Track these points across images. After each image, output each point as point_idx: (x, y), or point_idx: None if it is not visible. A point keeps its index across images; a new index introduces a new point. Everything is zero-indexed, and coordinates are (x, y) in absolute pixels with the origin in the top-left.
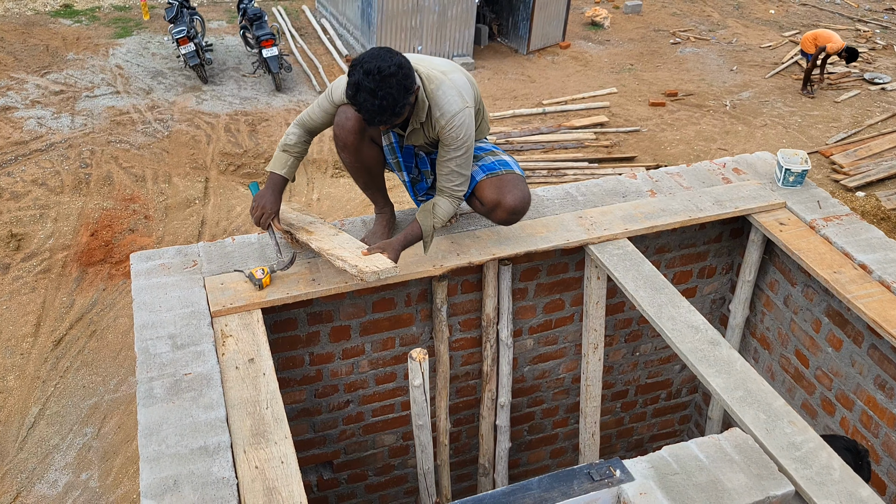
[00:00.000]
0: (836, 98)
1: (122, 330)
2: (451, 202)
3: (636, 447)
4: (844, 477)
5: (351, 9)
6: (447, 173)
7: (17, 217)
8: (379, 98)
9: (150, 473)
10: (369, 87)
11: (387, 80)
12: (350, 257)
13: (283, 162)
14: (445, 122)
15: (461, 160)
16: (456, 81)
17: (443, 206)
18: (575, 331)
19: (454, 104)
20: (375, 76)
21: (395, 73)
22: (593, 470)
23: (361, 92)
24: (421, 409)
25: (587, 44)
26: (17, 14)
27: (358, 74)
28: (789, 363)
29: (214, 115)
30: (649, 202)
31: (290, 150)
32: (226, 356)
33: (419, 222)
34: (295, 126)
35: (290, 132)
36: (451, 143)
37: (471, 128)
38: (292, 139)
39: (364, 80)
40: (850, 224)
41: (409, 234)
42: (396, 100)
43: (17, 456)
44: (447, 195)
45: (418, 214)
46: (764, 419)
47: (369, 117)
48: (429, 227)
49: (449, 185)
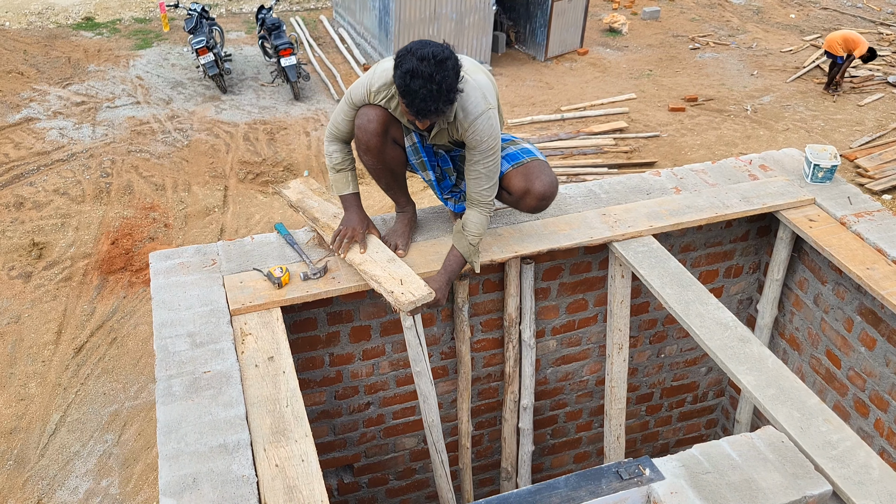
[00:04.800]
0: (859, 101)
1: (142, 337)
2: (482, 211)
3: (661, 451)
4: (884, 476)
5: (368, 18)
6: (475, 178)
7: (39, 226)
8: (437, 83)
9: (170, 471)
10: (427, 73)
11: (442, 64)
12: (386, 280)
13: (344, 181)
14: (469, 125)
15: (488, 163)
16: (480, 82)
17: (473, 219)
18: (599, 331)
19: (478, 106)
20: (431, 61)
21: (449, 57)
22: (622, 468)
23: (417, 78)
24: (417, 355)
25: (605, 50)
26: (39, 27)
27: (411, 62)
28: (820, 364)
29: (233, 124)
30: (674, 199)
31: (343, 167)
32: (245, 354)
33: (456, 247)
34: (329, 143)
35: (331, 151)
36: (476, 145)
37: (496, 129)
38: (337, 157)
39: (420, 66)
40: (883, 220)
41: (448, 265)
42: (452, 85)
43: (39, 462)
44: (476, 205)
45: (454, 238)
46: (798, 417)
47: (424, 105)
48: (465, 246)
49: (477, 191)
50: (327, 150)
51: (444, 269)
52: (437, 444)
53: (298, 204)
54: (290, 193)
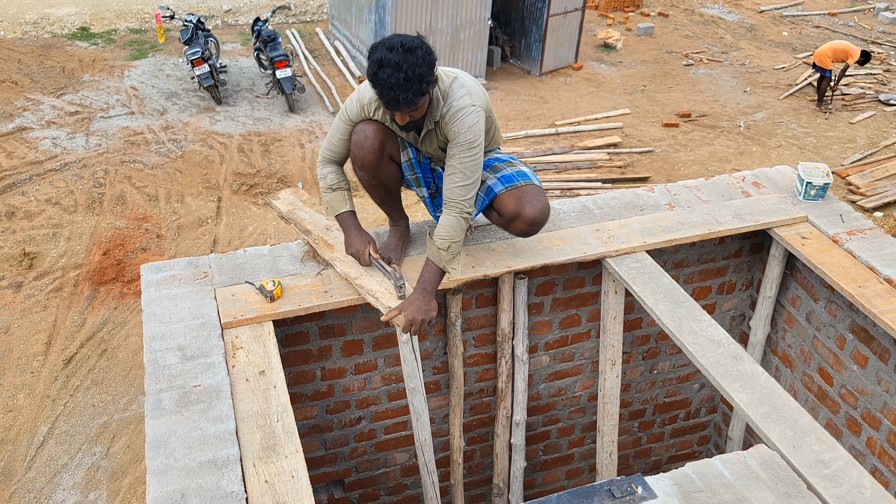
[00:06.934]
0: (850, 119)
1: (132, 349)
2: (453, 213)
3: (654, 468)
4: (876, 496)
5: (364, 31)
6: (450, 173)
7: (31, 236)
8: (404, 71)
9: (158, 487)
10: (394, 61)
11: (411, 52)
12: (382, 295)
13: (341, 199)
14: (450, 117)
15: (465, 157)
16: (465, 82)
17: (443, 221)
18: (592, 347)
19: (462, 100)
20: (399, 49)
21: (419, 46)
22: (614, 487)
23: (385, 67)
24: (412, 371)
25: (600, 65)
26: (34, 37)
27: (381, 52)
28: (812, 381)
29: (228, 135)
30: (668, 215)
31: (338, 187)
32: (236, 368)
33: (428, 257)
34: (323, 166)
35: (326, 173)
36: (454, 136)
37: (478, 126)
38: (332, 178)
39: (388, 55)
40: (875, 238)
41: (422, 279)
42: (422, 74)
43: (26, 475)
44: (449, 206)
45: (427, 250)
46: (791, 436)
47: (393, 94)
48: (434, 252)
49: (451, 188)
50: (321, 172)
51: (419, 286)
52: (428, 464)
53: (290, 216)
54: (280, 205)
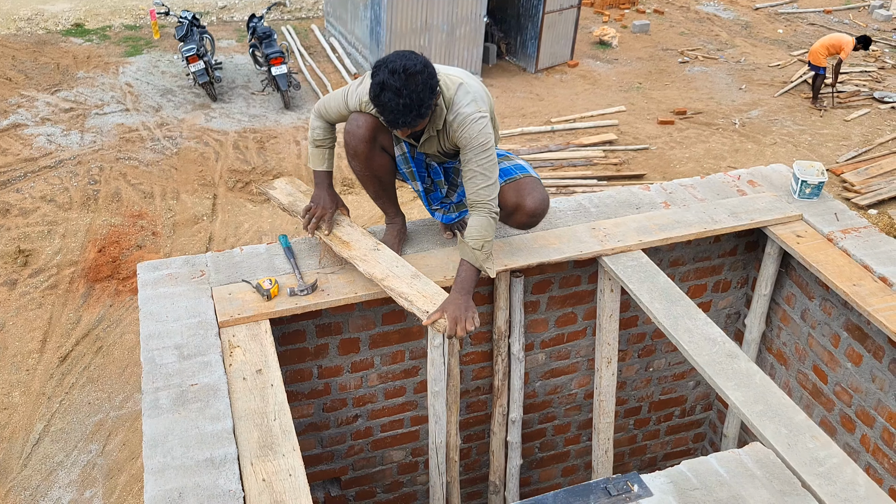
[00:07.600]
0: (845, 116)
1: (128, 346)
2: (482, 213)
3: (649, 465)
4: (870, 493)
5: (360, 28)
6: (471, 177)
7: (26, 233)
8: (405, 97)
9: (155, 486)
10: (395, 86)
11: (413, 77)
12: (416, 298)
13: (321, 157)
14: (458, 125)
15: (481, 160)
16: (470, 87)
17: (473, 223)
18: (587, 345)
19: (468, 107)
20: (401, 74)
21: (420, 72)
22: (610, 485)
23: (386, 91)
24: (438, 374)
25: (595, 62)
26: (28, 33)
27: (383, 74)
28: (807, 379)
29: (223, 132)
30: (663, 214)
31: (323, 144)
32: (233, 367)
33: (463, 258)
34: (316, 118)
35: (315, 126)
36: (466, 143)
37: (487, 131)
38: (319, 133)
39: (389, 79)
40: (869, 236)
41: (460, 280)
42: (422, 99)
43: (21, 473)
44: (476, 207)
45: (459, 250)
46: (785, 433)
47: (393, 118)
48: (469, 253)
49: (474, 191)
50: (312, 124)
51: (457, 286)
52: (440, 465)
53: (290, 207)
54: (277, 195)
